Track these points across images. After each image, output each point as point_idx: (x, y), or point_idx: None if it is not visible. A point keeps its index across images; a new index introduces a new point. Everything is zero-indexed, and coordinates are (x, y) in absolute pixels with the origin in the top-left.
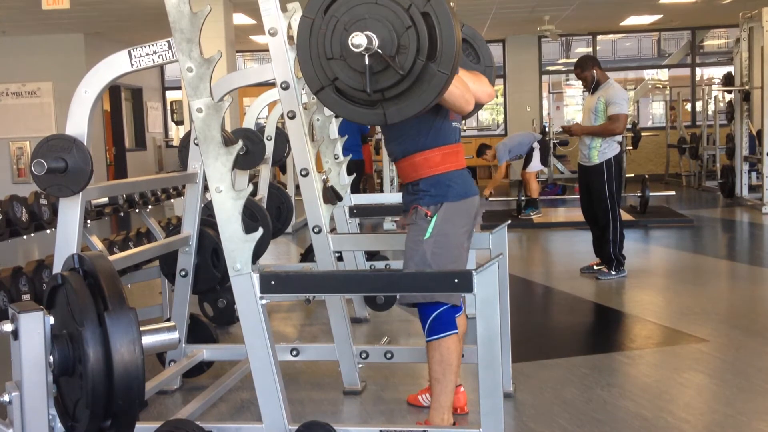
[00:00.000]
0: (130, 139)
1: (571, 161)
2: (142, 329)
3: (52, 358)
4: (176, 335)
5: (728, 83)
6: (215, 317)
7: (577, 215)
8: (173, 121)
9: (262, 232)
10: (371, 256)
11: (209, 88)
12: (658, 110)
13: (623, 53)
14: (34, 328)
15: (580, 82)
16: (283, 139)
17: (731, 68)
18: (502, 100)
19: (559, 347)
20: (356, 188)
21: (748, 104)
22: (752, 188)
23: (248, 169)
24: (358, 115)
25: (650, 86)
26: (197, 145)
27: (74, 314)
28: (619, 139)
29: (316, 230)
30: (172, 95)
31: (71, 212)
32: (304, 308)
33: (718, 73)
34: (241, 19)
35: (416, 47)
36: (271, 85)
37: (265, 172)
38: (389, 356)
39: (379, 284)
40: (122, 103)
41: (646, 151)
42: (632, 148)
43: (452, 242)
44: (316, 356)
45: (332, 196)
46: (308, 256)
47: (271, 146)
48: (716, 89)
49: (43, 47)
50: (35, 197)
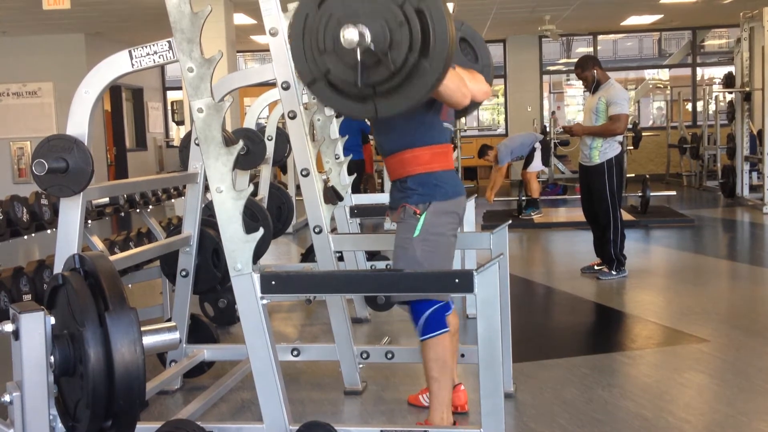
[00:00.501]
0: (130, 139)
1: (572, 161)
2: (142, 329)
3: (52, 358)
4: (177, 335)
5: (729, 83)
6: (216, 317)
7: (577, 215)
8: (174, 121)
9: (262, 232)
10: (372, 256)
11: (210, 88)
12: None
13: (624, 53)
14: (34, 328)
15: (580, 82)
16: (283, 139)
17: (732, 68)
18: (502, 100)
19: (559, 347)
20: (357, 189)
21: (748, 104)
22: (753, 188)
23: (249, 169)
24: (349, 108)
25: (651, 86)
26: (198, 145)
27: (75, 314)
28: (620, 139)
29: (316, 230)
30: (172, 95)
31: (72, 212)
32: (304, 308)
33: (718, 72)
34: (241, 19)
35: (409, 43)
36: (271, 85)
37: (265, 172)
38: (390, 356)
39: (379, 284)
40: (123, 103)
41: (646, 151)
42: (633, 147)
43: (441, 241)
44: (316, 356)
45: (333, 196)
46: (309, 256)
47: (271, 146)
48: (717, 90)
49: (43, 47)
50: (36, 197)
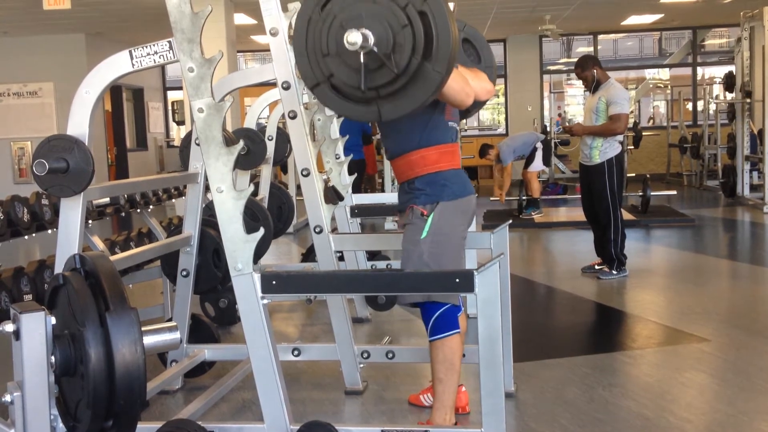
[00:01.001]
0: (131, 139)
1: (572, 161)
2: (143, 329)
3: (53, 358)
4: (177, 335)
5: (729, 82)
6: (216, 317)
7: (578, 215)
8: (174, 121)
9: (263, 232)
10: (372, 255)
11: (210, 88)
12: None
13: (624, 53)
14: (35, 328)
15: (581, 81)
16: (284, 139)
17: (732, 67)
18: (503, 99)
19: (560, 347)
20: (358, 188)
21: (749, 103)
22: (753, 188)
23: (249, 169)
24: (353, 111)
25: (651, 86)
26: (198, 145)
27: (76, 314)
28: (620, 138)
29: (317, 230)
30: (173, 95)
31: (72, 212)
32: (305, 308)
33: (719, 72)
34: (242, 19)
35: (412, 46)
36: (272, 85)
37: (266, 172)
38: (390, 356)
39: (380, 284)
40: (123, 103)
41: (647, 150)
42: (633, 147)
43: (450, 242)
44: (317, 356)
45: (333, 196)
46: (309, 256)
47: (272, 146)
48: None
49: (44, 47)
50: (37, 197)
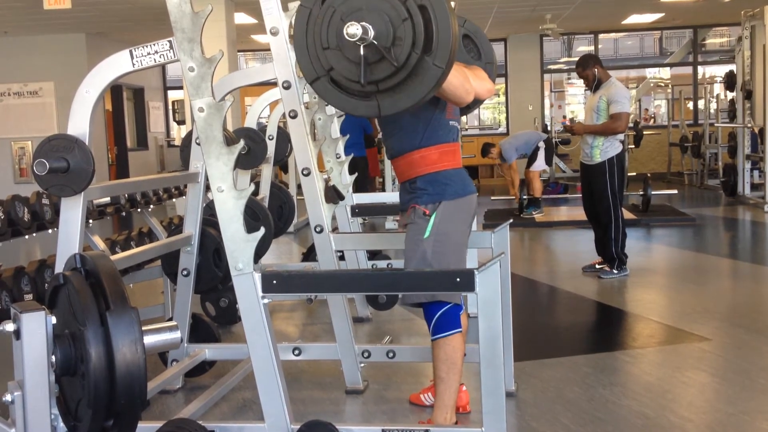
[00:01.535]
0: (131, 138)
1: (573, 160)
2: (144, 329)
3: (54, 357)
4: (178, 335)
5: (730, 81)
6: (217, 317)
7: (579, 214)
8: (175, 120)
9: (263, 231)
10: (373, 255)
11: (211, 87)
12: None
13: (625, 52)
14: (36, 327)
15: (581, 80)
16: (284, 138)
17: (733, 66)
18: (503, 99)
19: (561, 346)
20: (362, 187)
21: (750, 102)
22: (754, 186)
23: (250, 168)
24: (352, 106)
25: (652, 85)
26: (199, 144)
27: (76, 314)
28: (621, 137)
29: (318, 229)
30: (173, 95)
31: (73, 212)
32: (305, 308)
33: (720, 71)
34: (242, 18)
35: (412, 40)
36: (272, 84)
37: (266, 171)
38: (391, 355)
39: (380, 284)
40: (124, 102)
41: (648, 149)
42: (634, 146)
43: (452, 241)
44: (318, 355)
45: (334, 195)
46: (310, 255)
47: (272, 145)
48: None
49: (44, 47)
50: (37, 197)
